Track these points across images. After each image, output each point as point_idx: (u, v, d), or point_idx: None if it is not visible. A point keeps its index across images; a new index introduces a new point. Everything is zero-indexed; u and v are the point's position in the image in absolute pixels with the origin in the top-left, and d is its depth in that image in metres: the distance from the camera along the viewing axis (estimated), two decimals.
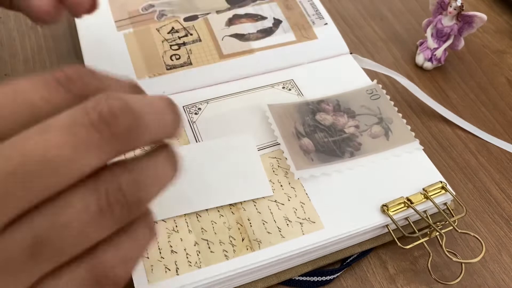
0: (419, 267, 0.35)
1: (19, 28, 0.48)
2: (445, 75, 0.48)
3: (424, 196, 0.35)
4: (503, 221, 0.38)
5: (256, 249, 0.32)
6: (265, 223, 0.33)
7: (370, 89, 0.41)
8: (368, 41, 0.50)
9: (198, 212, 0.33)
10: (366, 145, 0.38)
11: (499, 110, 0.45)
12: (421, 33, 0.49)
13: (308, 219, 0.33)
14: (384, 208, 0.34)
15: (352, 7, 0.53)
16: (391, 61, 0.48)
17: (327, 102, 0.40)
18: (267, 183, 0.35)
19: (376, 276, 0.35)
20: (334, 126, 0.39)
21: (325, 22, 0.47)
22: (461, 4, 0.44)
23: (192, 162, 0.35)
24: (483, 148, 0.42)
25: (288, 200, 0.34)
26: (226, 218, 0.33)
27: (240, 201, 0.34)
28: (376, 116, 0.40)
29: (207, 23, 0.46)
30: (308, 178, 0.35)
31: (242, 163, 0.36)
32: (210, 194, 0.34)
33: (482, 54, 0.50)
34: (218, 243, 0.32)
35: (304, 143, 0.37)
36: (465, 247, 0.36)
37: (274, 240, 0.32)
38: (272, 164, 0.36)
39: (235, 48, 0.44)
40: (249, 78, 0.42)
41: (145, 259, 0.31)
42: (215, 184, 0.35)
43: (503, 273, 0.35)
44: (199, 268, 0.31)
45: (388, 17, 0.53)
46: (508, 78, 0.48)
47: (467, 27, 0.45)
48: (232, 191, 0.34)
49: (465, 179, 0.40)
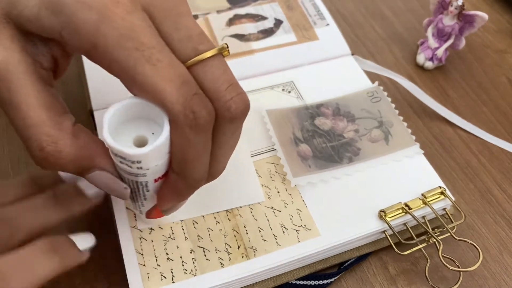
0: (420, 268, 0.35)
1: None
2: (446, 75, 0.47)
3: (423, 202, 0.35)
4: (504, 221, 0.38)
5: (251, 257, 0.32)
6: (261, 230, 0.33)
7: (371, 92, 0.41)
8: (368, 40, 0.50)
9: (194, 219, 0.33)
10: (365, 150, 0.37)
11: (500, 110, 0.45)
12: (422, 33, 0.49)
13: (304, 226, 0.33)
14: (381, 214, 0.34)
15: (353, 6, 0.53)
16: (392, 60, 0.48)
17: (327, 106, 0.40)
18: (260, 189, 0.35)
19: (376, 277, 0.34)
20: (333, 130, 0.38)
21: (326, 23, 0.47)
22: (462, 3, 0.44)
23: None
24: (484, 148, 0.42)
25: (285, 207, 0.34)
26: (223, 225, 0.33)
27: (236, 208, 0.34)
28: (376, 119, 0.39)
29: (208, 23, 0.46)
30: (305, 185, 0.35)
31: (235, 169, 0.36)
32: (204, 200, 0.34)
33: (483, 54, 0.50)
34: (214, 250, 0.32)
35: (302, 149, 0.37)
36: (466, 249, 0.36)
37: (270, 248, 0.32)
38: (269, 170, 0.36)
39: (235, 49, 0.44)
40: (248, 79, 0.42)
41: (142, 267, 0.31)
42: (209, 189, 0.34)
43: (504, 274, 0.35)
44: (195, 276, 0.31)
45: (389, 16, 0.52)
46: (509, 78, 0.48)
47: (468, 26, 0.45)
48: (226, 197, 0.34)
49: (466, 180, 0.40)
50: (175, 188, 0.26)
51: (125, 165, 0.25)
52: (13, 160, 0.39)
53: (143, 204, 0.29)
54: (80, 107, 0.42)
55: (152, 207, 0.29)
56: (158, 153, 0.24)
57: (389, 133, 0.38)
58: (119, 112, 0.25)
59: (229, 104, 0.24)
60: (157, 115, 0.24)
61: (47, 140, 0.24)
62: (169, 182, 0.26)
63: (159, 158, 0.25)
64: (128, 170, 0.25)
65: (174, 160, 0.25)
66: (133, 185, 0.27)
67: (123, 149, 0.24)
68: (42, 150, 0.24)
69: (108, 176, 0.26)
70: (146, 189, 0.27)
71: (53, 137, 0.24)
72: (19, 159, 0.39)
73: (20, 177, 0.29)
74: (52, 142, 0.24)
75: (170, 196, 0.27)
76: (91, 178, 0.26)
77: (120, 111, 0.25)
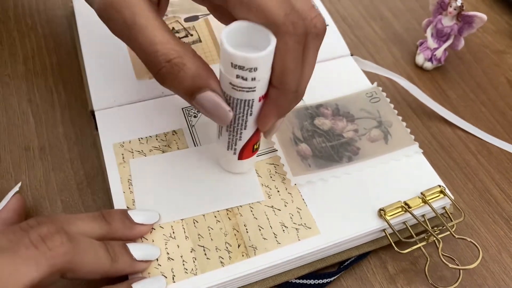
0: (420, 267, 0.35)
1: (19, 28, 0.48)
2: (445, 75, 0.48)
3: (422, 201, 0.35)
4: (503, 221, 0.38)
5: (251, 256, 0.32)
6: (261, 229, 0.33)
7: (370, 92, 0.41)
8: (368, 41, 0.50)
9: (195, 218, 0.33)
10: (364, 150, 0.37)
11: (499, 110, 0.45)
12: (421, 33, 0.49)
13: (304, 225, 0.33)
14: (381, 213, 0.34)
15: (352, 7, 0.53)
16: (391, 61, 0.48)
17: (326, 106, 0.40)
18: (260, 188, 0.35)
19: (376, 276, 0.35)
20: (332, 130, 0.38)
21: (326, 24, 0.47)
22: (461, 4, 0.44)
23: (190, 167, 0.35)
24: (483, 148, 0.42)
25: (285, 206, 0.34)
26: (223, 224, 0.33)
27: (236, 206, 0.34)
28: (375, 119, 0.39)
29: (208, 24, 0.46)
30: (305, 184, 0.35)
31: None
32: (206, 199, 0.34)
33: (482, 54, 0.50)
34: (214, 249, 0.32)
35: (302, 148, 0.37)
36: (465, 248, 0.36)
37: (270, 246, 0.32)
38: (269, 170, 0.36)
39: None
40: None
41: None
42: (211, 188, 0.35)
43: (503, 273, 0.35)
44: (195, 275, 0.31)
45: (388, 17, 0.53)
46: (508, 78, 0.48)
47: (467, 27, 0.45)
48: (226, 196, 0.34)
49: (465, 179, 0.40)
50: (275, 102, 0.30)
51: (240, 78, 0.27)
52: (14, 160, 0.39)
53: (240, 137, 0.32)
54: (81, 107, 0.42)
55: (245, 144, 0.32)
56: (269, 61, 0.28)
57: (388, 133, 0.38)
58: (233, 33, 0.27)
59: (314, 21, 0.28)
60: (263, 38, 0.27)
61: (173, 54, 0.27)
62: (270, 98, 0.30)
63: (267, 70, 0.28)
64: (242, 84, 0.28)
65: (274, 74, 0.28)
66: (239, 107, 0.29)
67: (246, 54, 0.26)
68: (169, 61, 0.27)
69: (216, 97, 0.29)
70: (250, 112, 0.30)
71: (179, 51, 0.28)
72: (20, 159, 0.39)
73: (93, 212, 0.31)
74: (179, 56, 0.27)
75: (271, 112, 0.30)
76: (201, 99, 0.29)
77: (234, 31, 0.28)
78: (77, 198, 0.37)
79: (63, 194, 0.37)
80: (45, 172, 0.38)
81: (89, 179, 0.38)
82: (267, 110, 0.30)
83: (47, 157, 0.39)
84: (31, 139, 0.40)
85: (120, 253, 0.29)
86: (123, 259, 0.29)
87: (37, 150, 0.39)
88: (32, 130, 0.41)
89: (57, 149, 0.39)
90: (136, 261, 0.30)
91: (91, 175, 0.38)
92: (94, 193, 0.37)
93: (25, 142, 0.40)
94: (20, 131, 0.41)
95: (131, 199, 0.34)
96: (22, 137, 0.40)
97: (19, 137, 0.40)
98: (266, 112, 0.30)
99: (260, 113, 0.30)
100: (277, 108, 0.30)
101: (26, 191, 0.37)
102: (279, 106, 0.30)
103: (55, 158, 0.39)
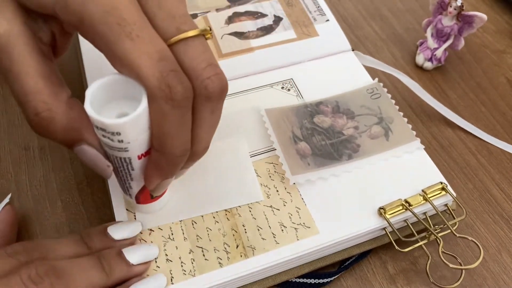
0: (420, 267, 0.35)
1: None
2: (445, 75, 0.48)
3: (423, 198, 0.34)
4: (503, 221, 0.38)
5: (250, 256, 0.32)
6: (260, 229, 0.33)
7: (370, 88, 0.41)
8: (368, 41, 0.50)
9: (193, 219, 0.33)
10: (365, 147, 0.37)
11: (499, 110, 0.45)
12: (421, 33, 0.49)
13: (303, 224, 0.33)
14: (381, 211, 0.34)
15: (352, 7, 0.53)
16: (391, 61, 0.48)
17: (326, 103, 0.40)
18: (259, 188, 0.35)
19: (376, 276, 0.35)
20: (332, 128, 0.38)
21: (326, 19, 0.46)
22: (461, 4, 0.44)
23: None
24: (483, 148, 0.42)
25: (284, 205, 0.34)
26: (221, 225, 0.33)
27: (235, 207, 0.34)
28: (376, 116, 0.39)
29: (207, 22, 0.46)
30: (304, 183, 0.35)
31: (234, 168, 0.36)
32: (204, 200, 0.34)
33: (482, 54, 0.50)
34: (213, 250, 0.32)
35: (301, 147, 0.37)
36: (466, 247, 0.36)
37: (269, 246, 0.32)
38: (268, 170, 0.36)
39: (235, 47, 0.44)
40: (248, 77, 0.42)
41: None
42: (209, 189, 0.34)
43: (503, 273, 0.35)
44: (194, 276, 0.31)
45: (388, 17, 0.53)
46: (508, 78, 0.48)
47: (467, 27, 0.45)
48: (224, 196, 0.34)
49: (465, 179, 0.40)
50: (157, 165, 0.27)
51: (107, 138, 0.25)
52: (14, 160, 0.39)
53: (130, 186, 0.29)
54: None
55: (139, 191, 0.30)
56: (137, 125, 0.25)
57: (389, 129, 0.38)
58: (103, 87, 0.26)
59: (206, 82, 0.25)
60: (139, 92, 0.25)
61: (42, 107, 0.25)
62: (151, 159, 0.27)
63: (139, 132, 0.25)
64: (110, 144, 0.26)
65: (154, 136, 0.26)
66: (117, 162, 0.27)
67: (102, 119, 0.24)
68: (37, 115, 0.25)
69: (93, 152, 0.27)
70: (131, 167, 0.28)
71: (48, 104, 0.26)
72: (20, 159, 0.39)
73: (72, 235, 0.31)
74: (47, 109, 0.25)
75: (153, 173, 0.28)
76: (78, 152, 0.27)
77: (104, 86, 0.26)
78: (77, 198, 0.37)
79: (63, 194, 0.37)
80: (45, 172, 0.38)
81: (89, 179, 0.38)
82: (149, 171, 0.28)
83: (47, 157, 0.39)
84: (31, 139, 0.40)
85: (115, 264, 0.29)
86: (119, 268, 0.29)
87: (37, 150, 0.39)
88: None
89: (57, 149, 0.39)
90: (133, 266, 0.29)
91: (91, 175, 0.38)
92: (94, 193, 0.37)
93: (25, 142, 0.40)
94: (20, 131, 0.41)
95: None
96: (22, 137, 0.40)
97: (19, 137, 0.40)
98: (148, 172, 0.28)
99: (144, 171, 0.28)
100: (160, 170, 0.28)
101: (26, 191, 0.37)
102: (162, 169, 0.27)
103: (55, 158, 0.39)
